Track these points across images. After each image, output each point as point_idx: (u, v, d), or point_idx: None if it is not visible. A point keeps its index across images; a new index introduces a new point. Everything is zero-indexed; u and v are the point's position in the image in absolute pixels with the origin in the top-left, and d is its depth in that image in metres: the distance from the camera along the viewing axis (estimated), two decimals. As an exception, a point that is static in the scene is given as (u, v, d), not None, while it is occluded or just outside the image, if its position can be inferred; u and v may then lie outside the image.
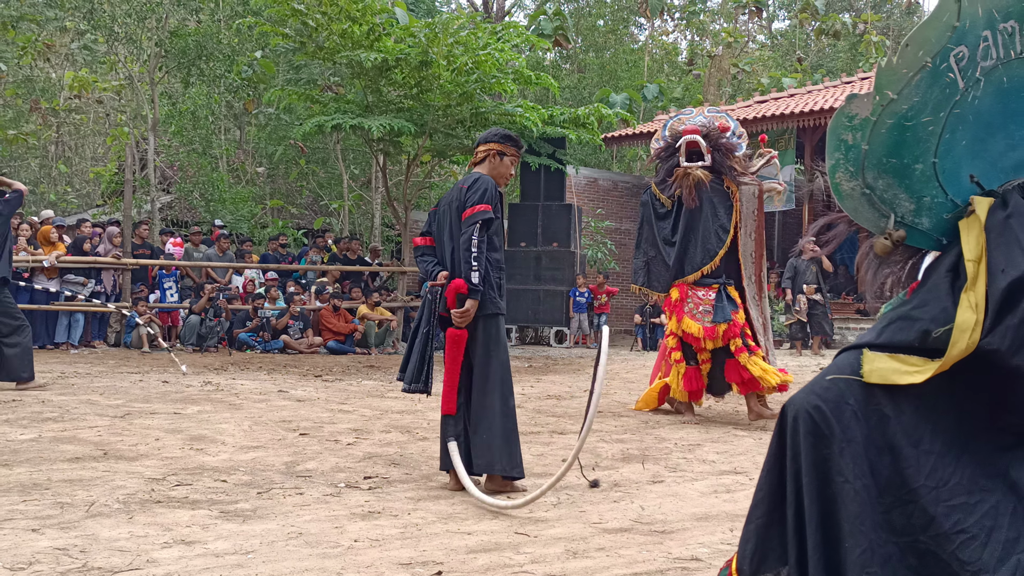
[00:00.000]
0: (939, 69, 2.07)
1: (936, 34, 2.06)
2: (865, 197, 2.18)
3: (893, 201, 2.19)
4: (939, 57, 2.06)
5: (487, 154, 5.01)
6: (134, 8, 16.96)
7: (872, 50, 27.33)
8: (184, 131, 20.08)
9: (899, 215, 2.21)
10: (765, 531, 2.10)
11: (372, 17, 13.22)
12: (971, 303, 1.97)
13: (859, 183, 2.16)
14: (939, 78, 2.08)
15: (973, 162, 2.17)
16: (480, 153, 5.04)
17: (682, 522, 4.19)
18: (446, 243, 4.92)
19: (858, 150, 2.12)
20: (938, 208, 2.19)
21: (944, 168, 2.15)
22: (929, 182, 2.16)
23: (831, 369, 2.10)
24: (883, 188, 2.17)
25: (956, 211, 2.18)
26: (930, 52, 2.06)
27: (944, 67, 2.07)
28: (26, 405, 7.16)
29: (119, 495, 4.35)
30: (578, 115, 15.08)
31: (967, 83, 2.10)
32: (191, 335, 13.60)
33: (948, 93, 2.10)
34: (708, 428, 7.17)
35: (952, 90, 2.10)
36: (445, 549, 3.64)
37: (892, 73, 2.07)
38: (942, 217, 2.20)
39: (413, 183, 16.60)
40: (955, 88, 2.10)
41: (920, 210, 2.20)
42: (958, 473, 1.97)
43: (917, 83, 2.07)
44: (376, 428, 6.68)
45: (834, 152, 2.15)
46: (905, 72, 2.07)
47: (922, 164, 2.15)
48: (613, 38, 31.12)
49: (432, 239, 5.07)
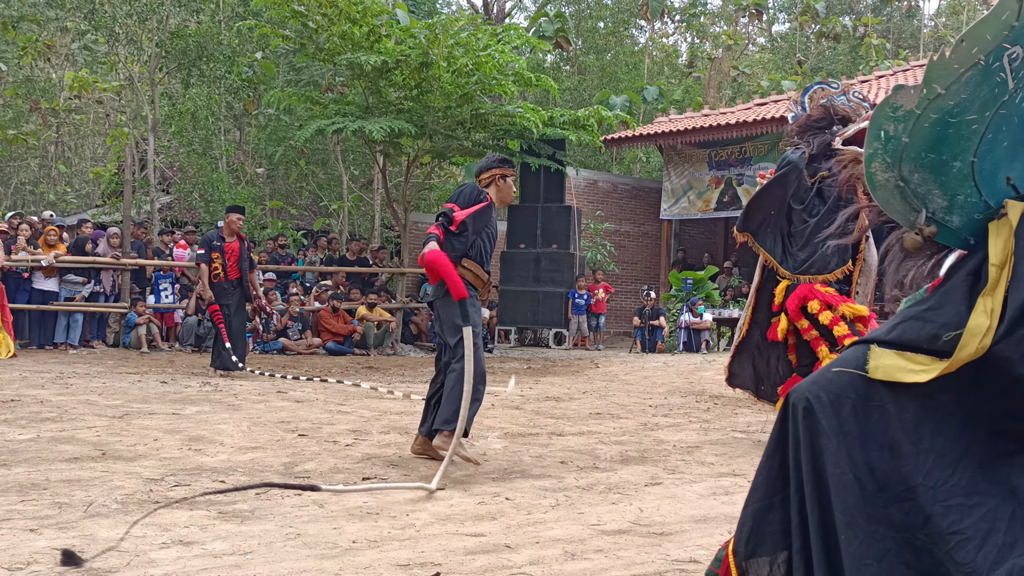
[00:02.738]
0: (991, 68, 2.05)
1: (993, 32, 2.03)
2: (898, 190, 2.17)
3: (926, 196, 2.17)
4: (992, 56, 2.04)
5: (492, 179, 5.66)
6: (135, 9, 16.97)
7: (872, 53, 27.36)
8: (184, 132, 20.07)
9: (930, 211, 2.19)
10: (762, 515, 2.11)
11: (372, 19, 13.23)
12: (986, 308, 1.97)
13: (894, 175, 2.15)
14: (990, 77, 2.06)
15: (1012, 165, 2.15)
16: (485, 179, 5.65)
17: (680, 524, 4.19)
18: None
19: (898, 142, 2.11)
20: (970, 208, 2.18)
21: (982, 168, 2.14)
22: (965, 181, 2.15)
23: (838, 362, 2.10)
24: (918, 182, 2.16)
25: (988, 212, 2.16)
26: (984, 50, 2.04)
27: (996, 66, 2.05)
28: (25, 405, 7.16)
29: (117, 495, 4.35)
30: (578, 117, 15.09)
31: (1017, 84, 2.08)
32: (189, 336, 13.60)
33: (997, 93, 2.08)
34: (707, 430, 7.17)
35: (1001, 90, 2.08)
36: (443, 550, 3.64)
37: (943, 68, 2.05)
38: (973, 217, 2.18)
39: (413, 184, 16.62)
40: (1004, 88, 2.08)
41: (952, 208, 2.18)
42: (957, 474, 1.97)
43: (967, 80, 2.05)
44: (375, 429, 6.67)
45: (873, 142, 2.13)
46: (956, 68, 2.05)
47: (960, 162, 2.13)
48: (613, 40, 31.15)
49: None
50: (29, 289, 12.80)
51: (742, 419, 7.82)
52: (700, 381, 11.00)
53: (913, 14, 32.97)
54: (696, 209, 19.87)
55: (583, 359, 14.51)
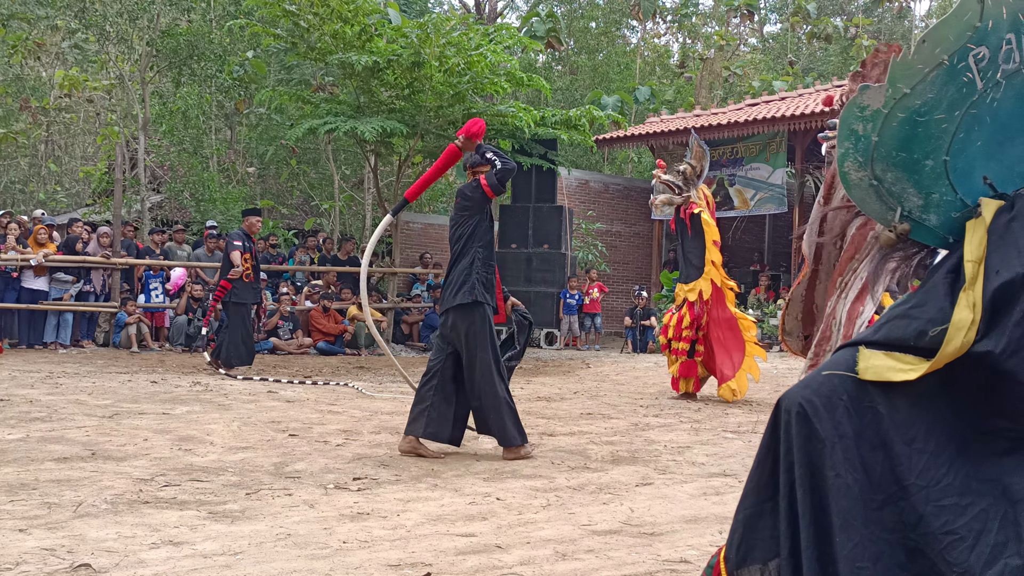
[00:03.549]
0: (956, 68, 2.06)
1: (955, 32, 2.05)
2: (873, 188, 2.18)
3: (901, 195, 2.19)
4: (957, 56, 2.06)
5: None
6: (126, 7, 16.90)
7: (863, 54, 27.40)
8: (175, 131, 20.01)
9: (907, 209, 2.21)
10: (753, 522, 2.11)
11: (364, 18, 13.21)
12: (969, 302, 1.98)
13: (867, 174, 2.16)
14: (956, 77, 2.07)
15: (988, 164, 2.16)
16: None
17: (671, 524, 4.19)
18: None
19: (868, 141, 2.12)
20: (947, 206, 2.19)
21: (956, 167, 2.15)
22: (939, 179, 2.16)
23: (827, 365, 2.11)
24: (892, 181, 2.17)
25: (965, 211, 2.18)
26: (947, 50, 2.05)
27: (962, 66, 2.06)
28: (14, 405, 7.13)
29: (107, 495, 4.34)
30: (570, 117, 15.09)
31: (986, 84, 2.09)
32: (179, 335, 13.56)
33: (965, 93, 2.09)
34: (698, 431, 7.18)
35: (970, 90, 2.09)
36: (434, 551, 3.63)
37: (907, 67, 2.07)
38: (950, 215, 2.20)
39: (404, 184, 16.58)
40: (973, 88, 2.09)
41: (928, 206, 2.20)
42: (951, 474, 1.97)
43: (932, 80, 2.07)
44: (366, 429, 6.67)
45: (844, 141, 2.14)
46: (920, 67, 2.06)
47: (933, 161, 2.14)
48: (605, 40, 31.14)
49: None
50: (18, 288, 12.74)
51: (733, 419, 7.84)
52: (691, 381, 11.00)
53: (904, 15, 33.08)
54: (687, 209, 19.86)
55: (574, 359, 14.51)
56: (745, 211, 19.09)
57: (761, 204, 18.66)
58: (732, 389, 8.85)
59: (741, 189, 18.85)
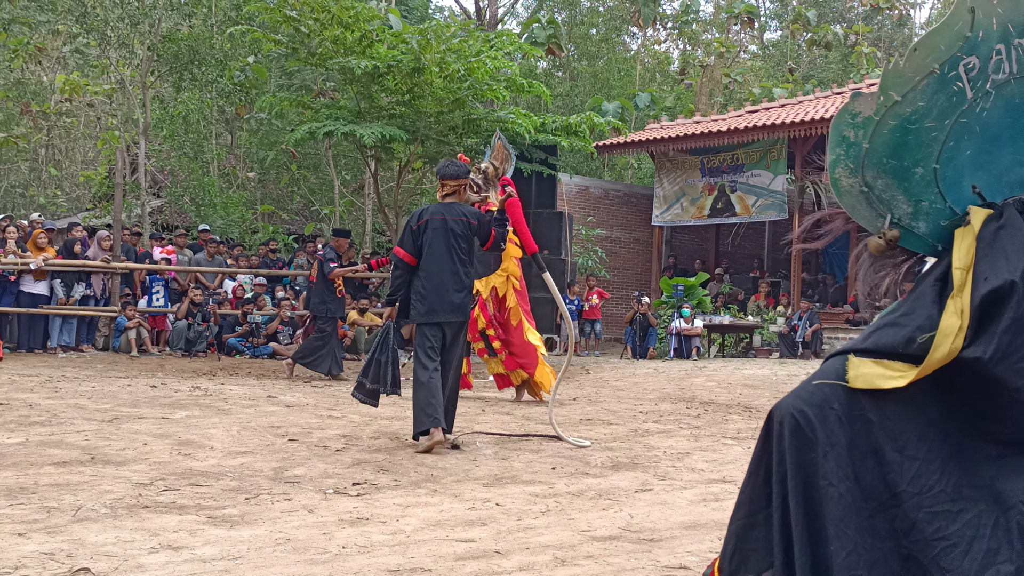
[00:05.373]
0: (947, 77, 2.07)
1: (946, 42, 2.06)
2: (863, 195, 2.19)
3: (891, 202, 2.20)
4: (947, 65, 2.07)
5: (457, 188, 6.30)
6: (127, 12, 16.93)
7: (863, 61, 27.45)
8: (175, 135, 20.03)
9: (896, 216, 2.21)
10: (746, 532, 2.11)
11: (364, 24, 13.22)
12: (956, 309, 1.99)
13: (858, 180, 2.17)
14: (946, 86, 2.08)
15: (977, 173, 2.17)
16: (451, 186, 6.25)
17: (671, 530, 4.19)
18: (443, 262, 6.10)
19: (859, 148, 2.13)
20: (936, 214, 2.20)
21: (945, 175, 2.16)
22: (928, 187, 2.17)
23: (817, 374, 2.11)
24: (882, 188, 2.18)
25: (954, 219, 2.18)
26: (938, 59, 2.06)
27: (952, 75, 2.08)
28: (13, 409, 7.12)
29: (106, 500, 4.33)
30: (570, 123, 15.10)
31: (976, 94, 2.10)
32: (179, 340, 13.56)
33: (955, 102, 2.10)
34: (697, 437, 7.18)
35: (960, 99, 2.10)
36: (433, 556, 3.63)
37: (898, 75, 2.08)
38: (939, 223, 2.20)
39: (404, 189, 16.60)
40: (963, 97, 2.10)
41: (918, 214, 2.21)
42: (943, 480, 1.98)
43: (923, 88, 2.08)
44: (365, 434, 6.66)
45: (835, 148, 2.15)
46: (911, 76, 2.07)
47: (922, 168, 2.15)
48: (606, 47, 31.19)
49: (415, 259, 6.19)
50: (16, 292, 12.74)
51: (732, 425, 7.83)
52: (691, 387, 11.02)
53: (904, 23, 33.12)
54: (689, 215, 19.89)
55: (574, 365, 14.50)
56: (747, 217, 19.13)
57: (762, 211, 18.69)
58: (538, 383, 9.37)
59: (743, 195, 18.87)
